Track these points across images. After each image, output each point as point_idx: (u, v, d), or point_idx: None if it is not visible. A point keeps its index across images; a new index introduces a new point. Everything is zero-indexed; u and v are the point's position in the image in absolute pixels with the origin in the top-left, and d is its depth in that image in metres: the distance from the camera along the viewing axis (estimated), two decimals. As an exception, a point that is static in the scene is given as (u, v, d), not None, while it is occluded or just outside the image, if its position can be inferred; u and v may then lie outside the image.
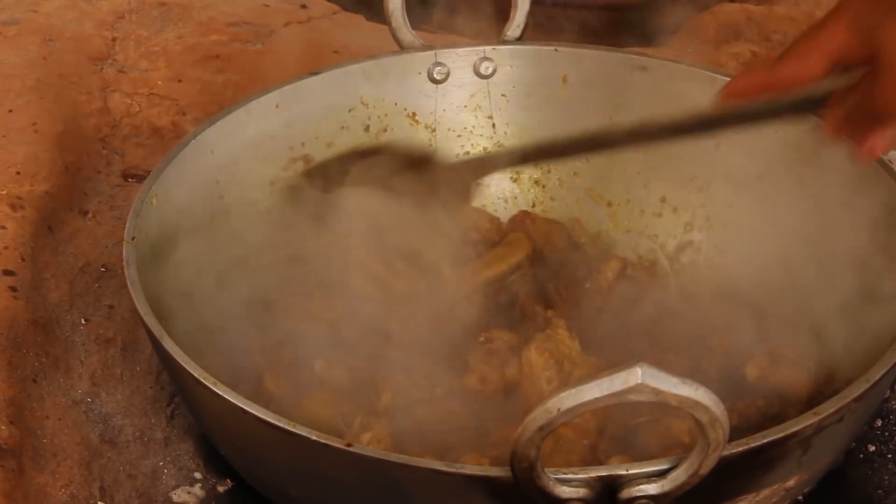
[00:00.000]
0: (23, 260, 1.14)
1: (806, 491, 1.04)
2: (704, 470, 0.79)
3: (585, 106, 1.28)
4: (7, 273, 1.12)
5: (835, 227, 1.12)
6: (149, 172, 1.11)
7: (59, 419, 1.06)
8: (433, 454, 0.95)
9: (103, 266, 1.22)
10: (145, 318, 0.96)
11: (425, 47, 1.27)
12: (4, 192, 1.20)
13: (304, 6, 1.63)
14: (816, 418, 0.86)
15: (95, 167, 1.34)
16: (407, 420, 1.01)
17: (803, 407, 0.98)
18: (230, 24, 1.55)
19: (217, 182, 1.17)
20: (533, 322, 1.11)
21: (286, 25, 1.58)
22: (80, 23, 1.52)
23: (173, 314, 1.05)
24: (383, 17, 1.26)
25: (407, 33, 1.26)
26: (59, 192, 1.25)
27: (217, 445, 1.03)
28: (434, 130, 1.30)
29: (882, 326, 0.98)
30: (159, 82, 1.46)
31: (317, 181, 1.19)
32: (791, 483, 0.91)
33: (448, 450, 0.97)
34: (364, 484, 0.87)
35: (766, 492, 0.89)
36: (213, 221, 1.16)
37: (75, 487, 1.01)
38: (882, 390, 0.99)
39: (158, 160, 1.13)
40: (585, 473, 0.80)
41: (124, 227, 1.04)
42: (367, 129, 1.27)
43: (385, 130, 1.28)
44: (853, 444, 1.10)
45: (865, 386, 0.89)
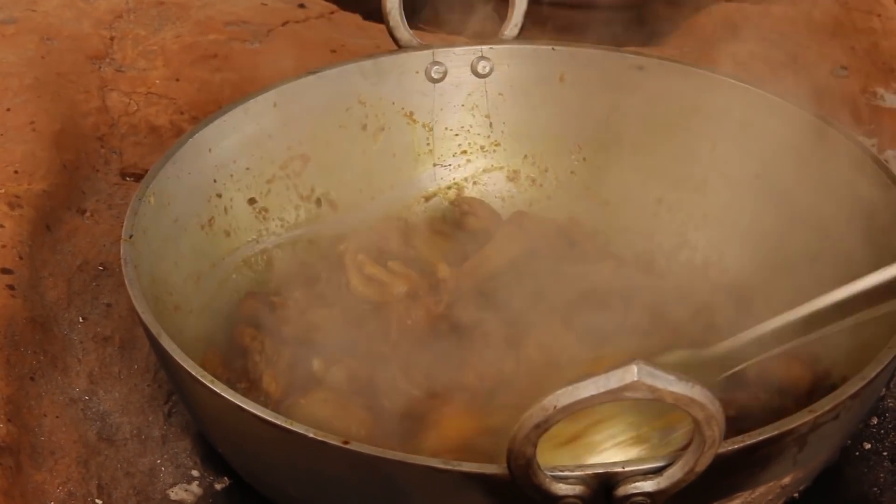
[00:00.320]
0: (21, 258, 1.14)
1: (802, 488, 1.04)
2: (700, 467, 0.79)
3: (582, 105, 1.29)
4: (5, 271, 1.12)
5: (831, 226, 1.12)
6: (146, 171, 1.11)
7: (57, 417, 1.06)
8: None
9: (101, 264, 1.22)
10: (143, 316, 0.96)
11: (423, 46, 1.27)
12: (2, 191, 1.20)
13: (302, 5, 1.63)
14: (812, 416, 0.86)
15: (93, 166, 1.34)
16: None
17: (804, 401, 0.98)
18: (228, 24, 1.56)
19: (214, 181, 1.17)
20: (528, 319, 1.12)
21: (284, 25, 1.58)
22: (78, 22, 1.52)
23: (171, 312, 1.05)
24: (381, 17, 1.26)
25: (404, 32, 1.26)
26: (56, 191, 1.25)
27: (214, 443, 1.03)
28: (431, 129, 1.30)
29: (877, 325, 0.98)
30: (157, 81, 1.46)
31: None
32: (787, 480, 0.91)
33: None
34: (361, 481, 0.87)
35: (761, 489, 0.90)
36: (210, 220, 1.16)
37: (73, 485, 1.01)
38: (877, 388, 0.99)
39: (156, 159, 1.13)
40: (582, 471, 0.80)
41: (122, 226, 1.04)
42: (364, 127, 1.27)
43: (382, 129, 1.28)
44: (849, 441, 1.10)
45: (861, 384, 0.89)
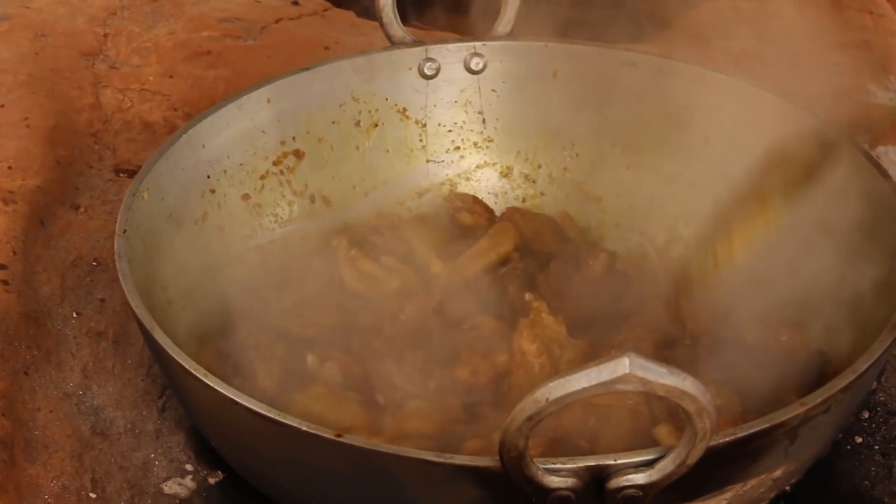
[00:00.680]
0: (14, 254, 1.14)
1: (793, 482, 1.04)
2: (692, 460, 0.79)
3: (575, 101, 1.29)
4: (-1, 267, 1.13)
5: (824, 221, 1.12)
6: (140, 167, 1.12)
7: (51, 411, 1.06)
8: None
9: (95, 260, 1.23)
10: (137, 310, 0.96)
11: (416, 43, 1.28)
12: (-4, 187, 1.21)
13: (296, 2, 1.63)
14: (803, 409, 0.86)
15: (87, 162, 1.34)
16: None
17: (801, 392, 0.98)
18: (221, 20, 1.56)
19: (208, 176, 1.17)
20: (521, 313, 1.12)
21: (277, 21, 1.58)
22: (71, 18, 1.52)
23: (164, 307, 1.06)
24: (374, 14, 1.27)
25: (398, 29, 1.26)
26: (50, 187, 1.25)
27: (208, 437, 1.03)
28: (424, 126, 1.30)
29: (869, 318, 0.99)
30: (151, 78, 1.46)
31: None
32: (778, 473, 0.92)
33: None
34: (354, 474, 0.87)
35: (753, 482, 0.90)
36: (203, 215, 1.16)
37: (67, 479, 1.01)
38: (868, 382, 1.00)
39: (150, 155, 1.13)
40: (574, 463, 0.81)
41: (116, 221, 1.05)
42: (357, 123, 1.28)
43: (375, 125, 1.28)
44: (840, 435, 1.11)
45: (852, 377, 0.89)
